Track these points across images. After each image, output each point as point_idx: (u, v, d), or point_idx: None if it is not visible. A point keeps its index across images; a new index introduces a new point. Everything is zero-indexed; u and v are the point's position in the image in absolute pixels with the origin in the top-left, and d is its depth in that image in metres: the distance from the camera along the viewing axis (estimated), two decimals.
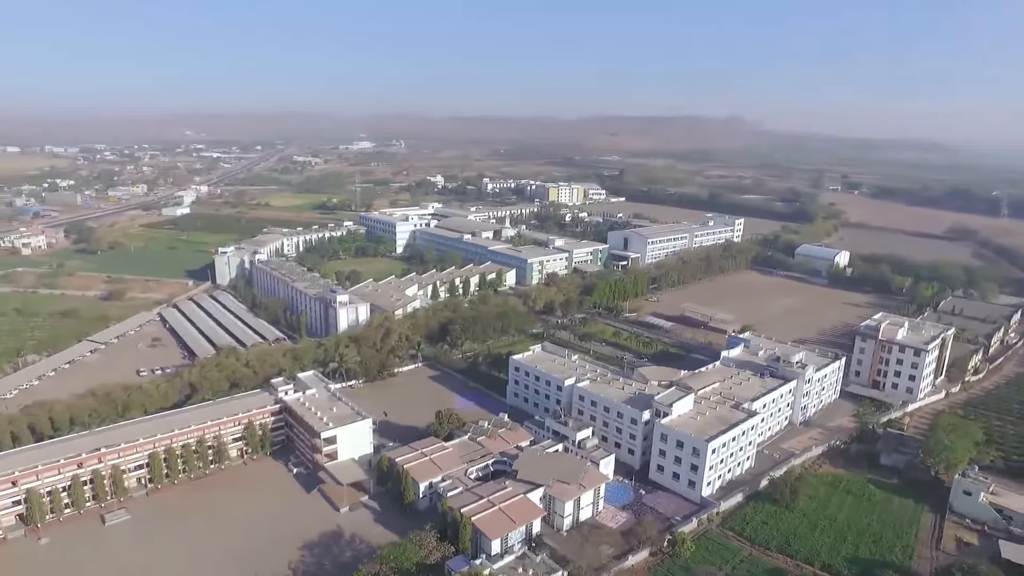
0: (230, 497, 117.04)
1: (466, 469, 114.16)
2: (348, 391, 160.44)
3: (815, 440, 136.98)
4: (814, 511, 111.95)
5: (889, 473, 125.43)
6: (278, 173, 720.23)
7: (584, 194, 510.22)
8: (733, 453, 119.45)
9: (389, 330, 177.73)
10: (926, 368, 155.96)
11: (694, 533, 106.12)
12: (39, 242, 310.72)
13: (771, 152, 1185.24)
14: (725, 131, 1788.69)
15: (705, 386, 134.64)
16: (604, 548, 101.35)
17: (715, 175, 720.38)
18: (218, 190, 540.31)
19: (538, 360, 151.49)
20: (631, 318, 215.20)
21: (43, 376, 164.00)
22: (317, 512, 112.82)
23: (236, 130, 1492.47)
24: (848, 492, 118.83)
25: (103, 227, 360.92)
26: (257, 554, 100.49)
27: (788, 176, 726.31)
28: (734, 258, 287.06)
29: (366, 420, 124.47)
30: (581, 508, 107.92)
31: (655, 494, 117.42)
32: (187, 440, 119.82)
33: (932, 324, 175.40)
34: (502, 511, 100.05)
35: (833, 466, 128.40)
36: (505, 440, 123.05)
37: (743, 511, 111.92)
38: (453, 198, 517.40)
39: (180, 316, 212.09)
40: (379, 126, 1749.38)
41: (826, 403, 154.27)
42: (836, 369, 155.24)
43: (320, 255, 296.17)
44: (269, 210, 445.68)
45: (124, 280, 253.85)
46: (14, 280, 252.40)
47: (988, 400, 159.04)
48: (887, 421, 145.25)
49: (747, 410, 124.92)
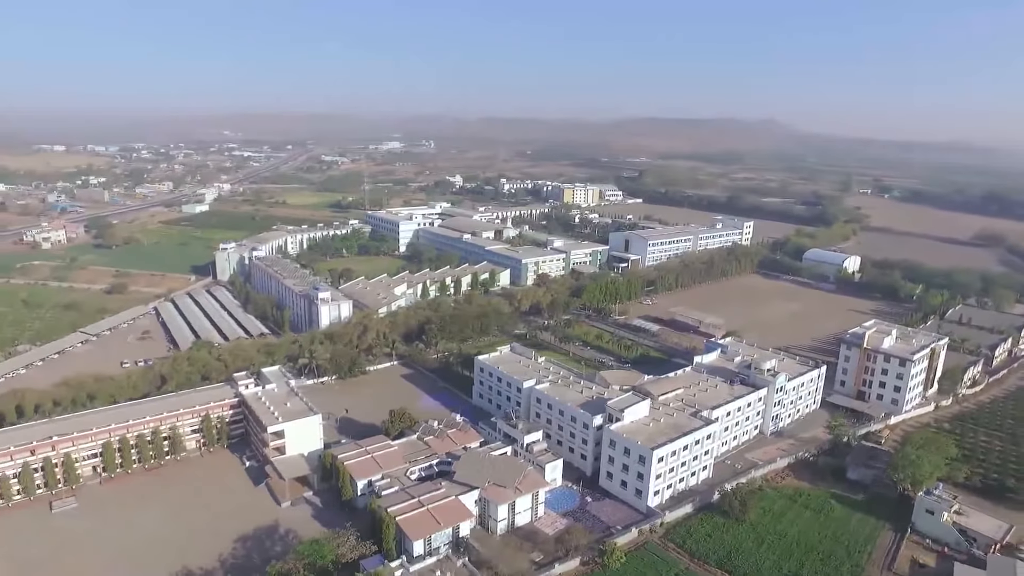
0: (180, 488, 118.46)
1: (407, 468, 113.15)
2: (319, 387, 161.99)
3: (783, 451, 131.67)
4: (765, 525, 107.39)
5: (856, 488, 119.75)
6: (303, 172, 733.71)
7: (599, 195, 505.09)
8: (686, 462, 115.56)
9: (367, 328, 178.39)
10: (912, 379, 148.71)
11: (633, 544, 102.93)
12: (59, 236, 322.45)
13: (805, 155, 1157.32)
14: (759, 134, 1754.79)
15: (667, 392, 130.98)
16: (534, 555, 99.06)
17: (740, 177, 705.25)
18: (240, 188, 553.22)
19: (503, 361, 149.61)
20: (619, 321, 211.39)
21: (31, 365, 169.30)
22: (260, 505, 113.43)
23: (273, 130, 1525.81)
24: (807, 507, 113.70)
25: (123, 223, 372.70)
26: (191, 545, 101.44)
27: (817, 179, 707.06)
28: (738, 262, 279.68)
29: (315, 416, 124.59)
30: (517, 512, 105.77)
31: (602, 502, 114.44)
32: (142, 431, 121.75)
33: (925, 333, 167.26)
34: (429, 512, 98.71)
35: (798, 479, 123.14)
36: (453, 441, 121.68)
37: (689, 523, 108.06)
38: (469, 198, 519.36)
39: (174, 310, 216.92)
40: (412, 127, 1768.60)
41: (804, 413, 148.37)
42: (815, 378, 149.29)
43: (322, 253, 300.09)
44: (285, 208, 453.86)
45: (130, 274, 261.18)
46: (28, 273, 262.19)
47: (980, 414, 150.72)
48: (865, 434, 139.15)
49: (704, 418, 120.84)
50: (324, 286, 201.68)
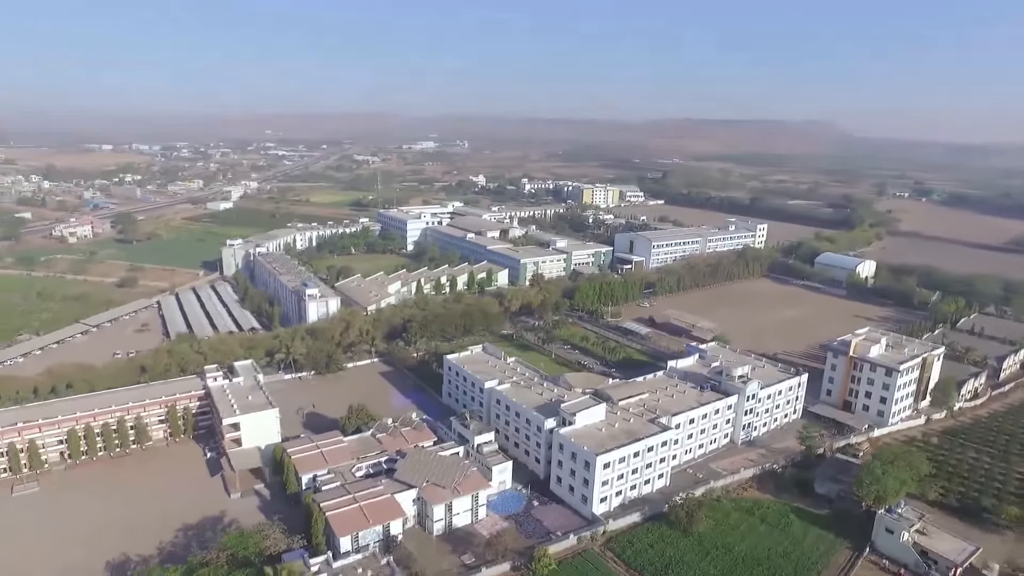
0: (140, 476, 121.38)
1: (353, 465, 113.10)
2: (296, 382, 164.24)
3: (751, 462, 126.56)
4: (713, 538, 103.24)
5: (822, 503, 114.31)
6: (333, 171, 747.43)
7: (619, 196, 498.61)
8: (637, 469, 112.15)
9: (349, 324, 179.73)
10: (900, 390, 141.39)
11: (571, 551, 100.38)
12: (85, 231, 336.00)
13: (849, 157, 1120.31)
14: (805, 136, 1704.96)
15: (629, 396, 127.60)
16: (466, 557, 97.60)
17: (773, 180, 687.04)
18: (268, 186, 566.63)
19: (472, 361, 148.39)
20: (610, 323, 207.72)
21: (29, 354, 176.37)
22: (211, 496, 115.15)
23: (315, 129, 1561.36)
24: (763, 520, 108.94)
25: (149, 219, 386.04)
26: (136, 531, 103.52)
27: (856, 182, 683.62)
28: (747, 265, 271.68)
29: (272, 410, 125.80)
30: (456, 513, 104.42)
31: (548, 506, 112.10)
32: (107, 419, 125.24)
33: (920, 343, 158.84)
34: (360, 509, 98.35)
35: (761, 491, 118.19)
36: (406, 439, 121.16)
37: (634, 532, 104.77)
38: (489, 198, 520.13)
39: (175, 304, 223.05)
40: (450, 127, 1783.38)
41: (782, 423, 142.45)
42: (795, 386, 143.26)
43: (330, 250, 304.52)
44: (307, 206, 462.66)
45: (143, 269, 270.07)
46: (49, 266, 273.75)
47: (974, 430, 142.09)
48: (844, 446, 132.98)
49: (661, 424, 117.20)
50: (312, 283, 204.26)
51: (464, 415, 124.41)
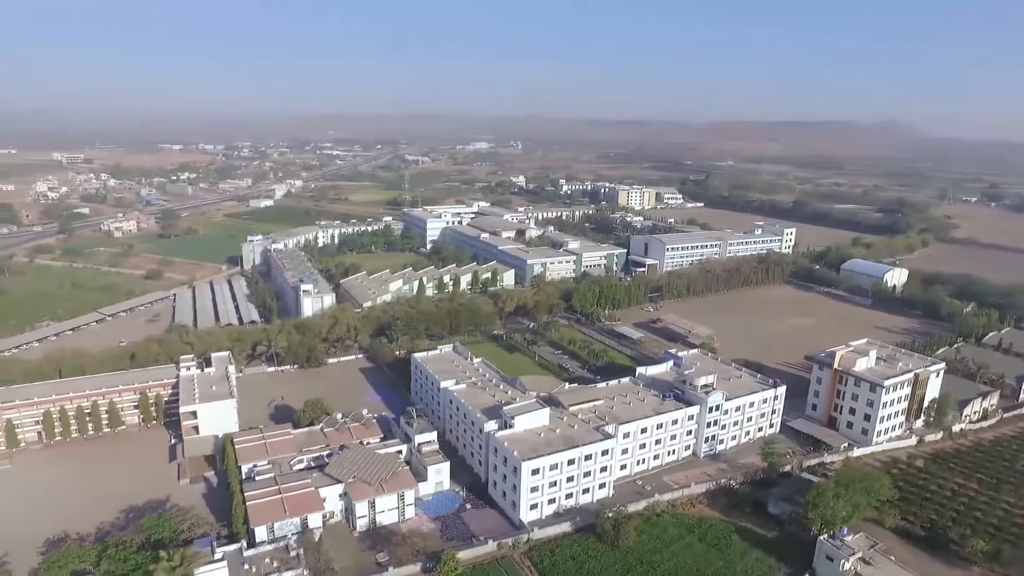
0: (105, 458, 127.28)
1: (293, 457, 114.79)
2: (278, 375, 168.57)
3: (709, 476, 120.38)
4: (641, 553, 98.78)
5: (772, 524, 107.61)
6: (381, 170, 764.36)
7: (655, 198, 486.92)
8: (573, 477, 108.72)
9: (337, 320, 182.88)
10: (886, 407, 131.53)
11: (490, 557, 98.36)
12: (130, 226, 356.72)
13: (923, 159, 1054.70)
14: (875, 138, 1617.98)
15: (581, 402, 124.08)
16: (381, 555, 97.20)
17: (829, 183, 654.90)
18: (312, 184, 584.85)
19: (438, 360, 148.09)
20: (605, 326, 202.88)
21: (45, 339, 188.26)
22: (163, 481, 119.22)
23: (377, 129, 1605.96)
24: (702, 539, 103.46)
25: (192, 215, 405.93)
26: (83, 510, 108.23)
27: (921, 185, 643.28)
28: (767, 271, 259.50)
29: (230, 400, 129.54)
30: (380, 511, 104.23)
31: (481, 510, 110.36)
32: (81, 403, 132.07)
33: (919, 357, 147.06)
34: (281, 501, 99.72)
35: (711, 508, 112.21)
36: (352, 435, 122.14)
37: (559, 542, 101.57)
38: (527, 199, 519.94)
39: (189, 296, 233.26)
40: (509, 127, 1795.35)
41: (756, 437, 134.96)
42: (770, 399, 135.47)
43: (350, 248, 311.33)
44: (344, 204, 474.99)
45: (172, 262, 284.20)
46: (90, 258, 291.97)
47: (971, 454, 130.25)
48: (816, 465, 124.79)
49: (604, 432, 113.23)
50: (309, 278, 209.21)
51: (410, 413, 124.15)
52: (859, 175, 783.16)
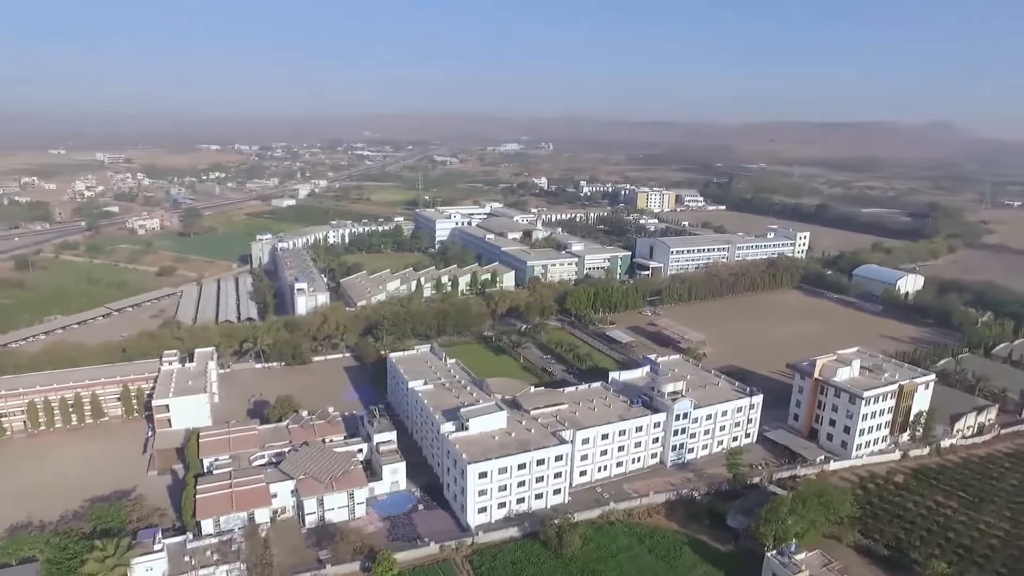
0: (85, 447, 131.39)
1: (253, 453, 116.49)
2: (265, 371, 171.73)
3: (672, 486, 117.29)
4: (584, 563, 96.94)
5: (728, 538, 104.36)
6: (407, 171, 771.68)
7: (676, 200, 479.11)
8: (525, 482, 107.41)
9: (326, 319, 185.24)
10: (866, 419, 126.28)
11: (432, 559, 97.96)
12: (153, 224, 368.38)
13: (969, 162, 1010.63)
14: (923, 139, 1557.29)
15: (543, 406, 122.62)
16: (323, 552, 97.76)
17: (862, 186, 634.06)
18: (337, 184, 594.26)
19: (412, 360, 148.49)
20: (596, 329, 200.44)
21: (51, 332, 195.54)
22: (133, 471, 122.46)
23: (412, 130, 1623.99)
24: (652, 550, 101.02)
25: (216, 214, 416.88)
26: (51, 498, 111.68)
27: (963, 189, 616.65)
28: (774, 276, 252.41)
29: (202, 395, 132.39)
30: (330, 509, 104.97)
31: (433, 511, 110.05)
32: (65, 395, 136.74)
33: (908, 367, 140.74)
34: (230, 495, 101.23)
35: (668, 518, 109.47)
36: (315, 432, 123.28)
37: (504, 548, 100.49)
38: (547, 199, 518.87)
39: (195, 293, 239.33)
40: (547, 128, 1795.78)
41: (729, 447, 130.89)
42: (745, 408, 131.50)
43: (360, 247, 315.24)
44: (364, 204, 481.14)
45: (187, 260, 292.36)
46: (111, 255, 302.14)
47: (957, 472, 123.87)
48: (789, 478, 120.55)
49: (560, 437, 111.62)
50: (304, 277, 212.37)
51: (373, 412, 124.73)
52: (897, 178, 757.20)
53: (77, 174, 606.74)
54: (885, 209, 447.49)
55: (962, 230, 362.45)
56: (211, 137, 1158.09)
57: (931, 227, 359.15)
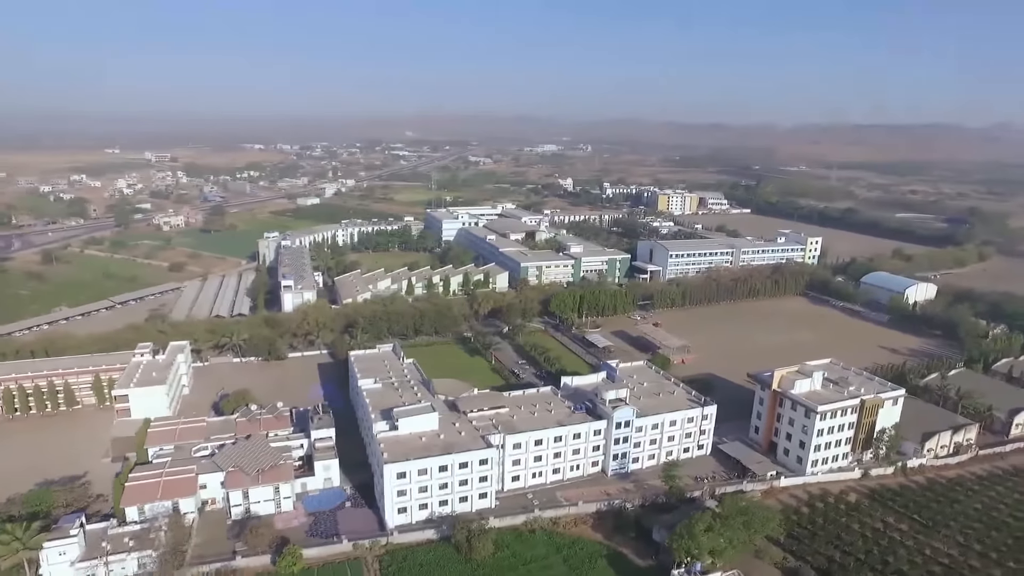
0: (52, 434, 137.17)
1: (196, 444, 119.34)
2: (241, 366, 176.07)
3: (607, 496, 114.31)
4: (492, 569, 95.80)
5: (652, 552, 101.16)
6: (438, 171, 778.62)
7: (699, 203, 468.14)
8: (448, 485, 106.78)
9: (307, 316, 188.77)
10: (822, 435, 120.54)
11: (344, 556, 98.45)
12: (178, 221, 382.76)
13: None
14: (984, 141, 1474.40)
15: (482, 409, 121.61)
16: (239, 544, 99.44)
17: (904, 190, 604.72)
18: (364, 184, 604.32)
19: (372, 359, 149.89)
20: (577, 333, 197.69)
21: (54, 322, 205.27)
22: (88, 458, 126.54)
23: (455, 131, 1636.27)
24: (567, 560, 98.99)
25: (242, 211, 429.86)
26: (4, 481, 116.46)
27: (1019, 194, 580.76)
28: (778, 282, 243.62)
29: (161, 387, 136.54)
30: (256, 502, 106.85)
31: (359, 509, 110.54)
32: (39, 383, 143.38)
33: (879, 381, 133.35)
34: (159, 484, 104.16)
35: (595, 528, 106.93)
36: (261, 426, 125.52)
37: (418, 549, 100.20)
38: (568, 200, 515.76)
39: (197, 288, 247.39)
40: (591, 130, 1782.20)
41: (680, 457, 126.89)
42: (696, 418, 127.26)
43: (368, 246, 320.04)
44: (387, 204, 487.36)
45: (200, 256, 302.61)
46: (133, 250, 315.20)
47: (918, 493, 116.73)
48: (734, 492, 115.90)
49: (487, 441, 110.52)
50: (292, 274, 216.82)
51: (316, 409, 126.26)
52: (947, 181, 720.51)
53: (124, 172, 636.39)
54: (919, 214, 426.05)
55: (1001, 237, 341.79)
56: (257, 137, 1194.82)
57: (965, 233, 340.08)
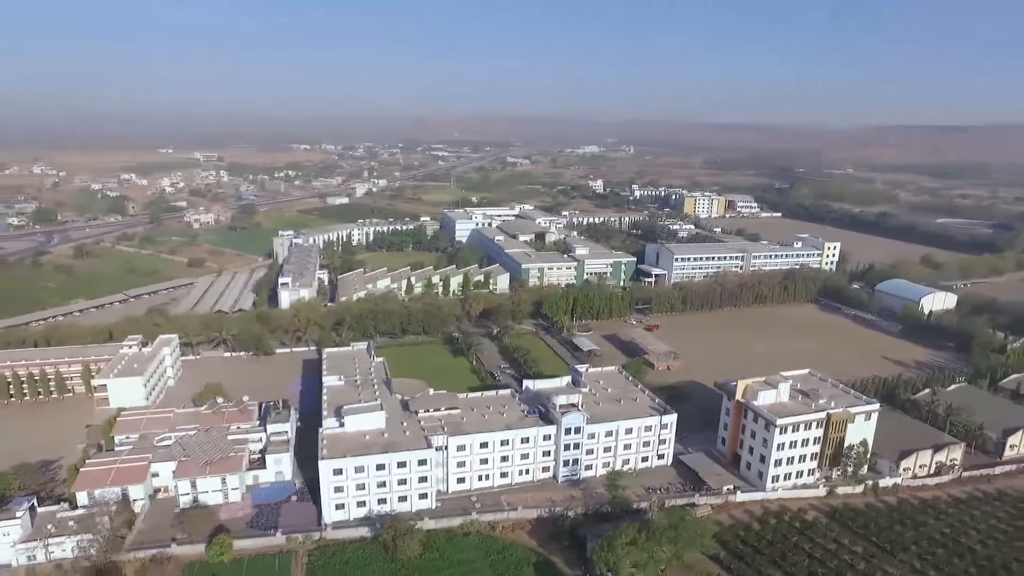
0: (40, 419, 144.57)
1: (160, 434, 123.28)
2: (231, 360, 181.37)
3: (551, 502, 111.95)
4: (416, 569, 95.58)
5: (582, 562, 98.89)
6: (473, 172, 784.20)
7: (727, 206, 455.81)
8: (386, 483, 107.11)
9: (298, 313, 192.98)
10: (783, 450, 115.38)
11: (276, 548, 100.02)
12: (207, 219, 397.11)
13: None
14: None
15: (432, 409, 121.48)
16: (179, 532, 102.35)
17: (955, 194, 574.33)
18: (396, 184, 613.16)
19: (341, 357, 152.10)
20: (565, 336, 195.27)
21: (70, 314, 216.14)
22: (65, 444, 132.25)
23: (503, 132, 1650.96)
24: (493, 565, 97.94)
25: (272, 210, 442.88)
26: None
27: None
28: (788, 288, 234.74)
29: (138, 378, 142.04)
30: (203, 491, 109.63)
31: (304, 504, 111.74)
32: (32, 371, 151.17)
33: (854, 395, 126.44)
34: (111, 471, 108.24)
35: (531, 535, 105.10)
36: (224, 418, 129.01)
37: (349, 546, 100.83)
38: (595, 202, 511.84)
39: (208, 283, 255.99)
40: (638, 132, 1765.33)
41: (637, 466, 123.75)
42: (655, 427, 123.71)
43: (382, 245, 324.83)
44: (414, 204, 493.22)
45: (222, 253, 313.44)
46: (159, 246, 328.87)
47: (883, 515, 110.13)
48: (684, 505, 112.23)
49: (427, 442, 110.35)
50: (289, 272, 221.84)
51: (276, 404, 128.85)
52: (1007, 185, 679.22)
53: (170, 171, 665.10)
54: (964, 219, 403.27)
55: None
56: (304, 137, 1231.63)
57: (1007, 240, 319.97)
